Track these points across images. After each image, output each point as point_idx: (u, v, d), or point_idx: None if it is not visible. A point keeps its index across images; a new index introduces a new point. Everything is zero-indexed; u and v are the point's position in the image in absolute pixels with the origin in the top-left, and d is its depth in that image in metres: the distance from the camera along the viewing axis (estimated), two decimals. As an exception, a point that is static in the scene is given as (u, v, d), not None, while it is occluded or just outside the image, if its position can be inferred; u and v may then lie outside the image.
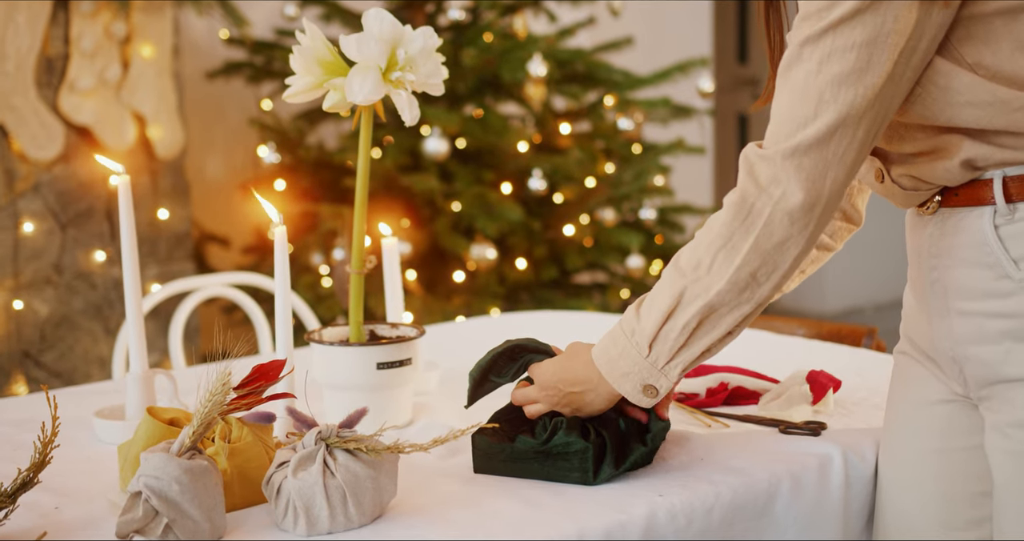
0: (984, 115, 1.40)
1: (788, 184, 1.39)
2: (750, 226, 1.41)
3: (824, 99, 1.37)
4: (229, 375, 1.36)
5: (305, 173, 4.08)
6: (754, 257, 1.42)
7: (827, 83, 1.37)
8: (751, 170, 1.42)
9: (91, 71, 3.68)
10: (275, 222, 1.63)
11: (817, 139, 1.37)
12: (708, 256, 1.43)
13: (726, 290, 1.43)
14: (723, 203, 1.45)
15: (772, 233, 1.41)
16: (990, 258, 1.43)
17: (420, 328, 1.83)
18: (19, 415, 1.89)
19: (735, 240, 1.42)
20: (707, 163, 6.07)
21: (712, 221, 1.45)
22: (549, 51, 4.00)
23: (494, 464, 1.55)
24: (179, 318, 2.72)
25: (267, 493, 1.40)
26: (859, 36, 1.35)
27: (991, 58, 1.39)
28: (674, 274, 1.46)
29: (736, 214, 1.42)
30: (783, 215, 1.40)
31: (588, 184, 4.04)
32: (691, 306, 1.44)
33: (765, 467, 1.57)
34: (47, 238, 3.67)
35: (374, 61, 1.67)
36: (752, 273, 1.42)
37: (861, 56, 1.36)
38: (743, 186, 1.42)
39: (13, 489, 1.35)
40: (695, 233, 1.49)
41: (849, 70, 1.36)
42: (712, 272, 1.43)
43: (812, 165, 1.38)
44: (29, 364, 3.68)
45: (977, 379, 1.49)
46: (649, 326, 1.46)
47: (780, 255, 1.42)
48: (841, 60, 1.36)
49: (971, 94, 1.40)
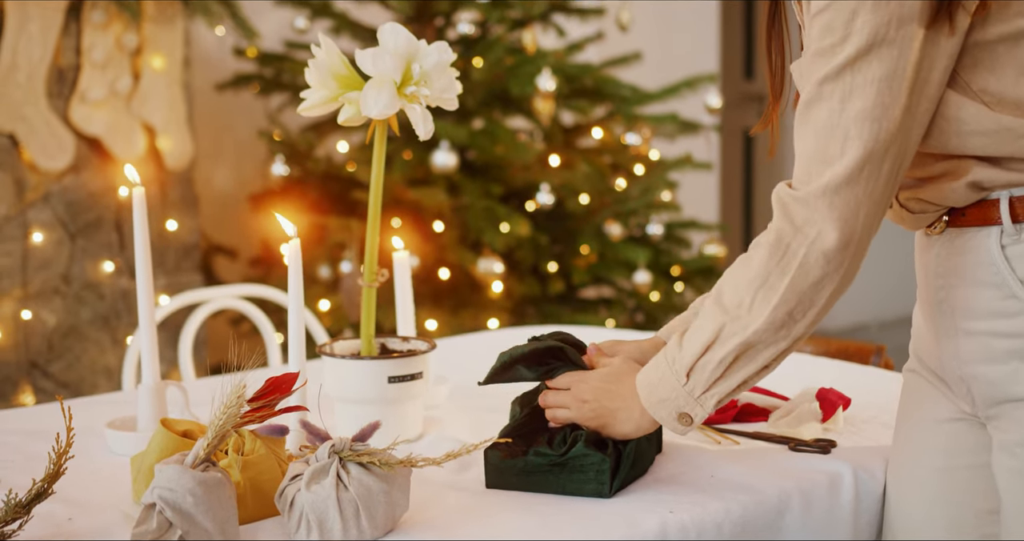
0: (991, 143, 1.42)
1: (822, 224, 1.40)
2: (786, 267, 1.43)
3: (849, 136, 1.38)
4: (244, 388, 1.37)
5: (313, 185, 4.09)
6: (791, 296, 1.43)
7: (851, 120, 1.38)
8: (785, 210, 1.43)
9: (102, 82, 3.70)
10: (289, 235, 1.64)
11: (847, 177, 1.39)
12: (748, 296, 1.46)
13: (763, 330, 1.45)
14: (758, 242, 1.47)
15: (808, 273, 1.42)
16: (997, 278, 1.44)
17: (431, 341, 1.84)
18: (29, 425, 1.89)
19: (772, 280, 1.44)
20: (713, 179, 6.08)
21: (750, 258, 1.47)
22: (558, 66, 4.01)
23: (507, 478, 1.56)
24: (189, 330, 2.72)
25: (280, 506, 1.40)
26: (877, 71, 1.37)
27: (996, 84, 1.41)
28: (716, 310, 1.48)
29: (772, 254, 1.44)
30: (819, 255, 1.41)
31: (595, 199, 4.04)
32: (729, 342, 1.46)
33: (775, 484, 1.58)
34: (56, 248, 3.68)
35: (389, 75, 1.68)
36: (789, 312, 1.44)
37: (882, 91, 1.37)
38: (779, 226, 1.44)
39: (28, 499, 1.35)
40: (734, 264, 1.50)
41: (871, 105, 1.37)
42: (751, 311, 1.45)
43: (844, 204, 1.40)
44: (36, 374, 3.68)
45: (985, 398, 1.49)
46: (688, 356, 1.49)
47: (816, 294, 1.44)
48: (863, 96, 1.38)
49: (977, 123, 1.41)
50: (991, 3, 1.38)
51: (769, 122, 1.65)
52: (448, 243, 3.86)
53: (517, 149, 3.89)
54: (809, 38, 1.45)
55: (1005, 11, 1.40)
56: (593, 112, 4.19)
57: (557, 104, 4.05)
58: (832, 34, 1.39)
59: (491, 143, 3.90)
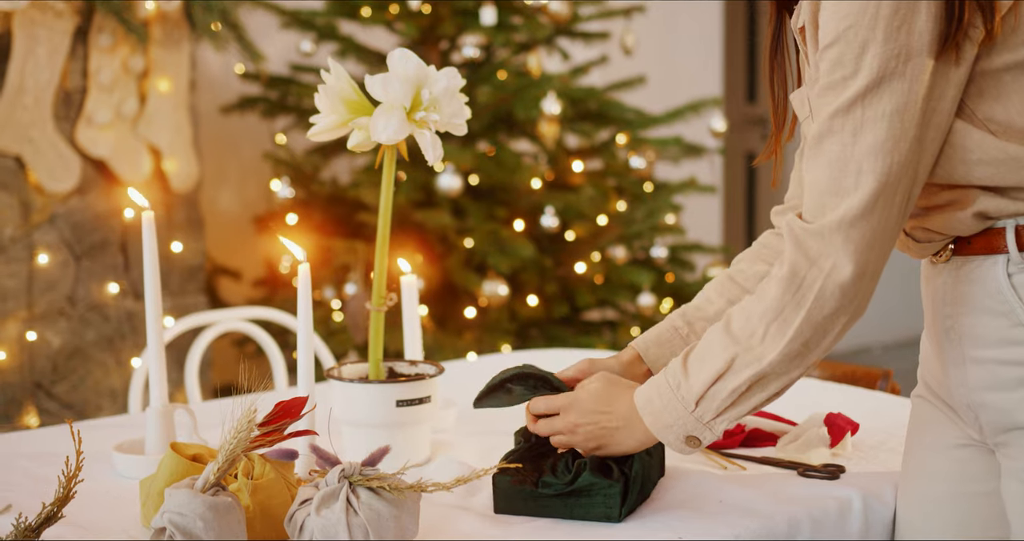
0: (997, 173, 1.42)
1: (838, 257, 1.41)
2: (801, 300, 1.43)
3: (863, 170, 1.39)
4: (255, 412, 1.37)
5: (318, 208, 4.10)
6: (806, 329, 1.44)
7: (863, 154, 1.39)
8: (799, 244, 1.44)
9: (108, 105, 3.71)
10: (299, 259, 1.64)
11: (861, 211, 1.40)
12: (761, 327, 1.46)
13: (778, 361, 1.45)
14: (771, 274, 1.47)
15: (824, 306, 1.43)
16: (1004, 306, 1.44)
17: (438, 366, 1.84)
18: (35, 448, 1.89)
19: (787, 313, 1.44)
20: (716, 201, 6.09)
21: (762, 292, 1.47)
22: (563, 89, 4.02)
23: (515, 503, 1.56)
24: (195, 352, 2.72)
25: (289, 530, 1.40)
26: (887, 105, 1.38)
27: (1003, 113, 1.42)
28: (726, 339, 1.48)
29: (787, 288, 1.44)
30: (834, 288, 1.42)
31: (600, 222, 4.05)
32: (742, 373, 1.47)
33: (784, 510, 1.58)
34: (61, 270, 3.69)
35: (399, 101, 1.68)
36: (804, 343, 1.45)
37: (893, 124, 1.38)
38: (793, 259, 1.44)
39: (37, 523, 1.35)
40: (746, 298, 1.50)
41: (883, 139, 1.38)
42: (765, 343, 1.45)
43: (859, 236, 1.40)
44: (41, 395, 3.68)
45: (993, 426, 1.49)
46: (697, 385, 1.49)
47: (831, 324, 1.44)
48: (874, 130, 1.38)
49: (982, 152, 1.42)
50: (997, 33, 1.39)
51: (773, 152, 1.66)
52: (453, 266, 3.87)
53: (522, 172, 3.89)
54: (815, 71, 1.46)
55: (1011, 40, 1.41)
56: (597, 135, 4.20)
57: (562, 127, 4.06)
58: (842, 68, 1.39)
59: (496, 166, 3.91)
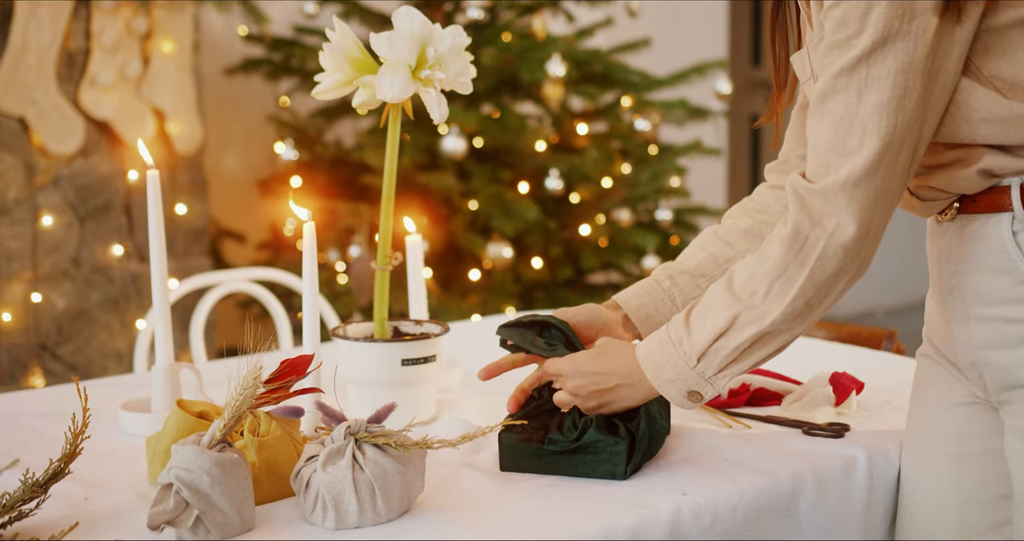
0: (1002, 131, 1.42)
1: (841, 217, 1.41)
2: (804, 259, 1.43)
3: (867, 129, 1.39)
4: (261, 369, 1.37)
5: (322, 170, 4.09)
6: (809, 288, 1.44)
7: (868, 113, 1.38)
8: (803, 203, 1.43)
9: (112, 66, 3.70)
10: (303, 220, 1.64)
11: (866, 170, 1.39)
12: (763, 286, 1.46)
13: (780, 319, 1.45)
14: (774, 232, 1.47)
15: (826, 265, 1.43)
16: (1008, 264, 1.44)
17: (444, 325, 1.84)
18: (43, 407, 1.90)
19: (789, 272, 1.44)
20: (721, 164, 6.07)
21: (765, 251, 1.47)
22: (567, 51, 4.00)
23: (520, 461, 1.56)
24: (200, 313, 2.73)
25: (295, 487, 1.40)
26: (892, 64, 1.37)
27: (1009, 71, 1.41)
28: (728, 297, 1.48)
29: (790, 247, 1.44)
30: (837, 248, 1.42)
31: (604, 184, 4.04)
32: (745, 331, 1.47)
33: (789, 467, 1.58)
34: (66, 232, 3.69)
35: (404, 59, 1.67)
36: (807, 302, 1.45)
37: (898, 83, 1.37)
38: (796, 219, 1.44)
39: (45, 479, 1.36)
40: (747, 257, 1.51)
41: (888, 98, 1.38)
42: (767, 302, 1.46)
43: (863, 196, 1.40)
44: (46, 357, 3.69)
45: (997, 384, 1.50)
46: (700, 341, 1.49)
47: (834, 284, 1.44)
48: (879, 89, 1.38)
49: (987, 110, 1.41)
50: None
51: (774, 114, 1.65)
52: (457, 228, 3.86)
53: (526, 135, 3.88)
54: (817, 31, 1.46)
55: None
56: (602, 98, 4.19)
57: (566, 90, 4.05)
58: (847, 27, 1.39)
59: (500, 129, 3.90)
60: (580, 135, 4.06)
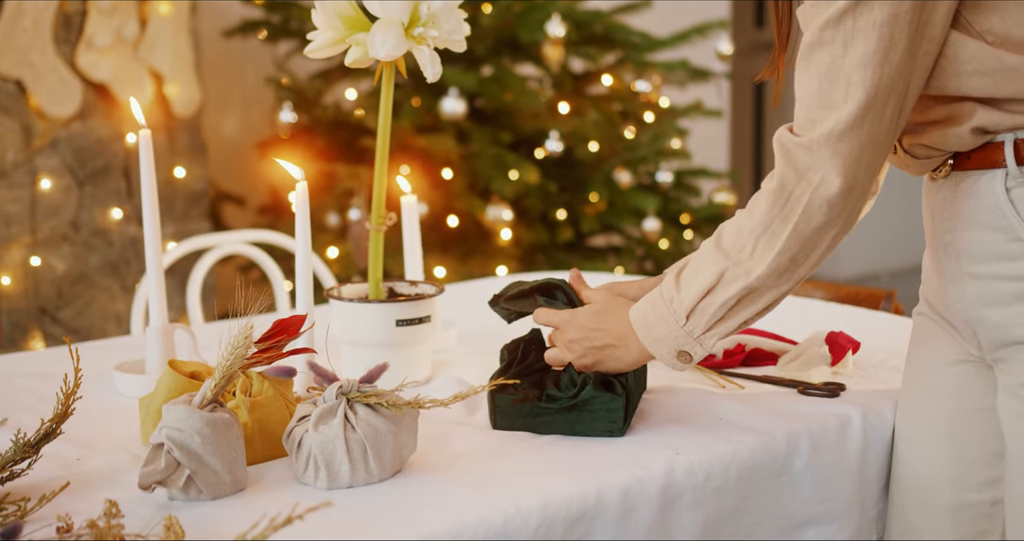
0: (992, 83, 1.41)
1: (826, 171, 1.40)
2: (789, 213, 1.43)
3: (852, 81, 1.37)
4: (251, 329, 1.37)
5: (321, 133, 4.08)
6: (794, 243, 1.44)
7: (854, 65, 1.37)
8: (788, 157, 1.43)
9: (109, 28, 3.68)
10: (296, 178, 1.63)
11: (850, 123, 1.38)
12: (750, 242, 1.45)
13: (766, 274, 1.45)
14: (761, 188, 1.46)
15: (811, 219, 1.42)
16: (1002, 221, 1.44)
17: (439, 285, 1.83)
18: (39, 369, 1.90)
19: (774, 227, 1.44)
20: (723, 126, 6.05)
21: (753, 206, 1.47)
22: (567, 12, 3.98)
23: (514, 420, 1.56)
24: (197, 275, 2.72)
25: (288, 447, 1.40)
26: (878, 15, 1.36)
27: (1000, 24, 1.40)
28: (716, 253, 1.48)
29: (775, 201, 1.43)
30: (822, 202, 1.41)
31: (605, 146, 4.02)
32: (731, 286, 1.46)
33: (783, 427, 1.58)
34: (64, 195, 3.68)
35: (397, 16, 1.66)
36: (792, 257, 1.44)
37: (883, 35, 1.36)
38: (781, 173, 1.43)
39: (36, 439, 1.36)
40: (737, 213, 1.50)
41: (873, 50, 1.36)
42: (754, 257, 1.45)
43: (848, 150, 1.39)
44: (46, 320, 3.69)
45: (991, 341, 1.49)
46: (688, 298, 1.49)
47: (819, 239, 1.44)
48: (864, 41, 1.36)
49: (978, 63, 1.40)
50: None
51: (776, 69, 1.64)
52: (457, 190, 3.85)
53: (526, 96, 3.86)
54: None
55: None
56: (603, 59, 4.16)
57: (566, 51, 4.02)
58: None
59: (500, 90, 3.88)
60: (580, 97, 4.04)
